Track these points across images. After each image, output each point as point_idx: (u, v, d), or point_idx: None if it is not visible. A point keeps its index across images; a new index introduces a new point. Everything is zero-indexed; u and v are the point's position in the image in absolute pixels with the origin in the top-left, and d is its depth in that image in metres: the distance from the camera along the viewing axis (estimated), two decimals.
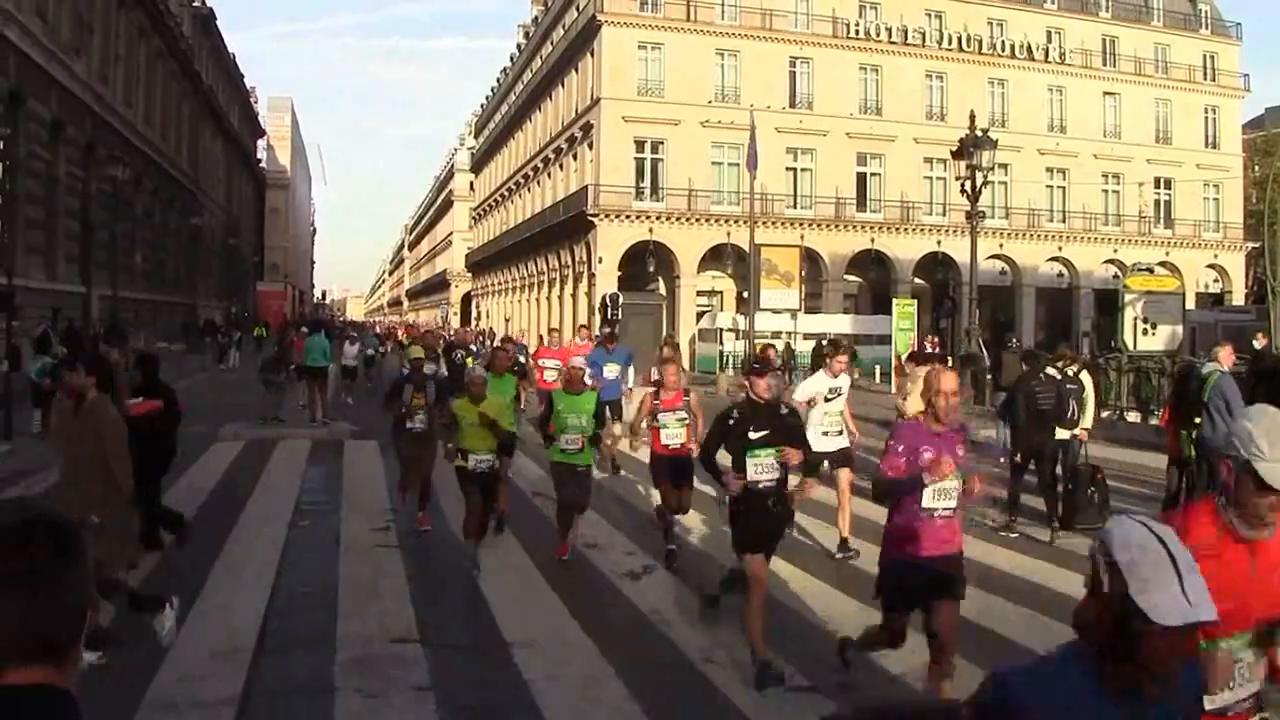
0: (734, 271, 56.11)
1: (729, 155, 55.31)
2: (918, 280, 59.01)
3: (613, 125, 55.21)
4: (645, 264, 54.11)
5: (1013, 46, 60.87)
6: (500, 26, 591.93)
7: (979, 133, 27.93)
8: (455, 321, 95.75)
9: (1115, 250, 62.57)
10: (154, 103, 57.03)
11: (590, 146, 57.95)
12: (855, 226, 57.90)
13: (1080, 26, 63.19)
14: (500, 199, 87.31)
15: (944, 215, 58.11)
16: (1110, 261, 62.08)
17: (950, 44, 59.48)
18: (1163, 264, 54.03)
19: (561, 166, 65.27)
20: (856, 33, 58.08)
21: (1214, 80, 66.86)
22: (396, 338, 53.03)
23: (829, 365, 12.89)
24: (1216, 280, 66.48)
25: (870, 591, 7.31)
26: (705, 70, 55.96)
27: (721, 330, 49.86)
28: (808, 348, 35.36)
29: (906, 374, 16.42)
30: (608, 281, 53.93)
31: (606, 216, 54.73)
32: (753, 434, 8.10)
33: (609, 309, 49.43)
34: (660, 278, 56.65)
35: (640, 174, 56.15)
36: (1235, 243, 66.59)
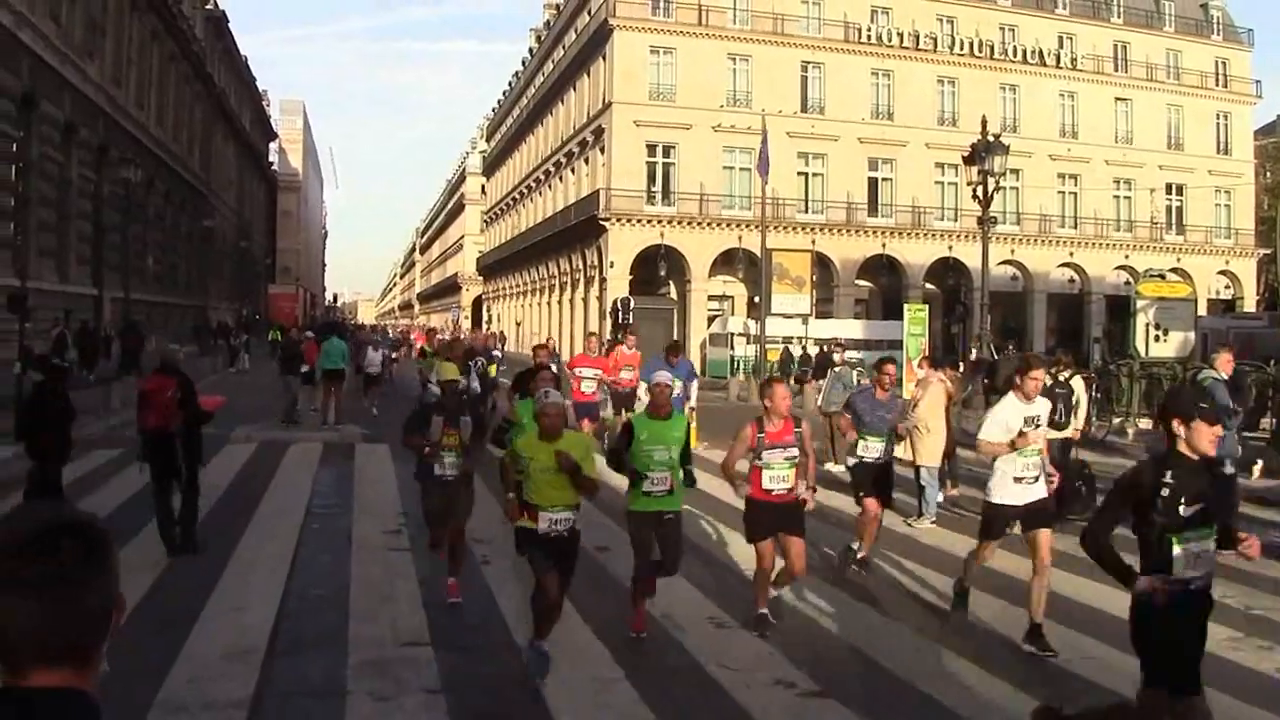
0: (745, 276, 56.17)
1: (740, 160, 55.43)
2: (929, 285, 58.99)
3: (624, 129, 55.25)
4: (656, 268, 54.21)
5: (1024, 52, 60.82)
6: (512, 30, 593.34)
7: (991, 138, 27.94)
8: (466, 325, 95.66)
9: (1127, 256, 62.48)
10: (166, 105, 57.23)
11: (602, 150, 57.98)
12: (866, 231, 57.87)
13: (1092, 32, 63.10)
14: (512, 203, 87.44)
15: (955, 220, 58.11)
16: (1122, 267, 61.99)
17: (962, 49, 59.44)
18: (1174, 270, 53.89)
19: (573, 170, 65.33)
20: (868, 38, 58.06)
21: (1225, 86, 66.68)
22: (410, 342, 52.55)
23: (1020, 385, 9.65)
24: (1228, 287, 66.27)
25: (873, 598, 7.31)
26: (717, 75, 56.00)
27: (732, 335, 49.89)
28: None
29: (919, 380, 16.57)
30: (619, 285, 53.97)
31: (618, 220, 54.77)
32: (1184, 508, 5.57)
33: (620, 313, 49.48)
34: (671, 282, 56.74)
35: (652, 178, 56.21)
36: (1247, 249, 66.38)
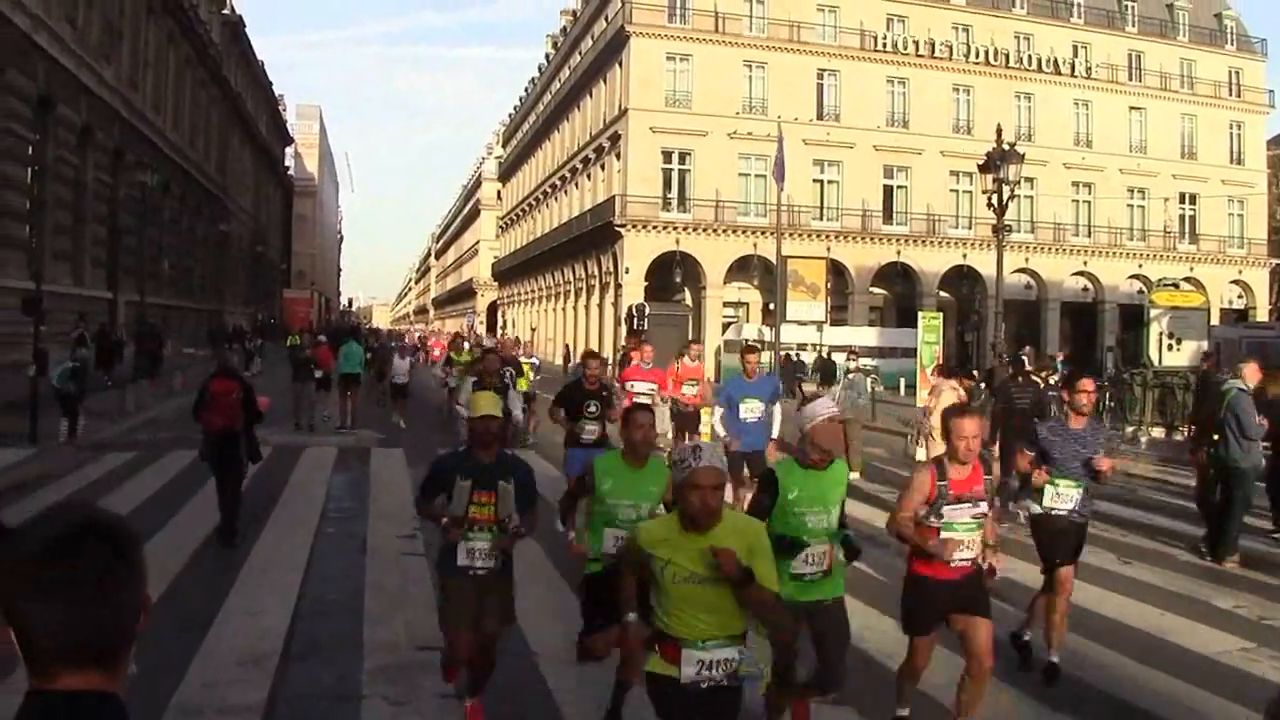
0: (760, 283, 56.16)
1: (756, 166, 55.45)
2: (943, 293, 58.89)
3: (640, 136, 55.28)
4: (672, 274, 54.21)
5: (1039, 60, 60.78)
6: (528, 36, 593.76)
7: (1006, 146, 27.97)
8: (481, 329, 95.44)
9: (1140, 265, 62.42)
10: (182, 109, 57.39)
11: (618, 157, 58.02)
12: (881, 239, 57.85)
13: (1106, 41, 63.05)
14: (527, 208, 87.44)
15: (970, 228, 58.09)
16: (1135, 276, 61.93)
17: (977, 57, 59.38)
18: (1187, 279, 53.93)
19: (589, 176, 65.34)
20: (884, 45, 58.07)
21: (1239, 96, 66.55)
22: (427, 349, 51.20)
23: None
24: (1240, 296, 66.06)
25: (887, 606, 7.32)
26: (733, 82, 56.02)
27: (746, 341, 49.81)
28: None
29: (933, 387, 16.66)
30: (634, 291, 53.98)
31: (633, 227, 54.81)
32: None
33: (635, 319, 49.51)
34: (686, 288, 56.77)
35: (667, 184, 56.21)
36: (1259, 259, 66.29)
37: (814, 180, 56.97)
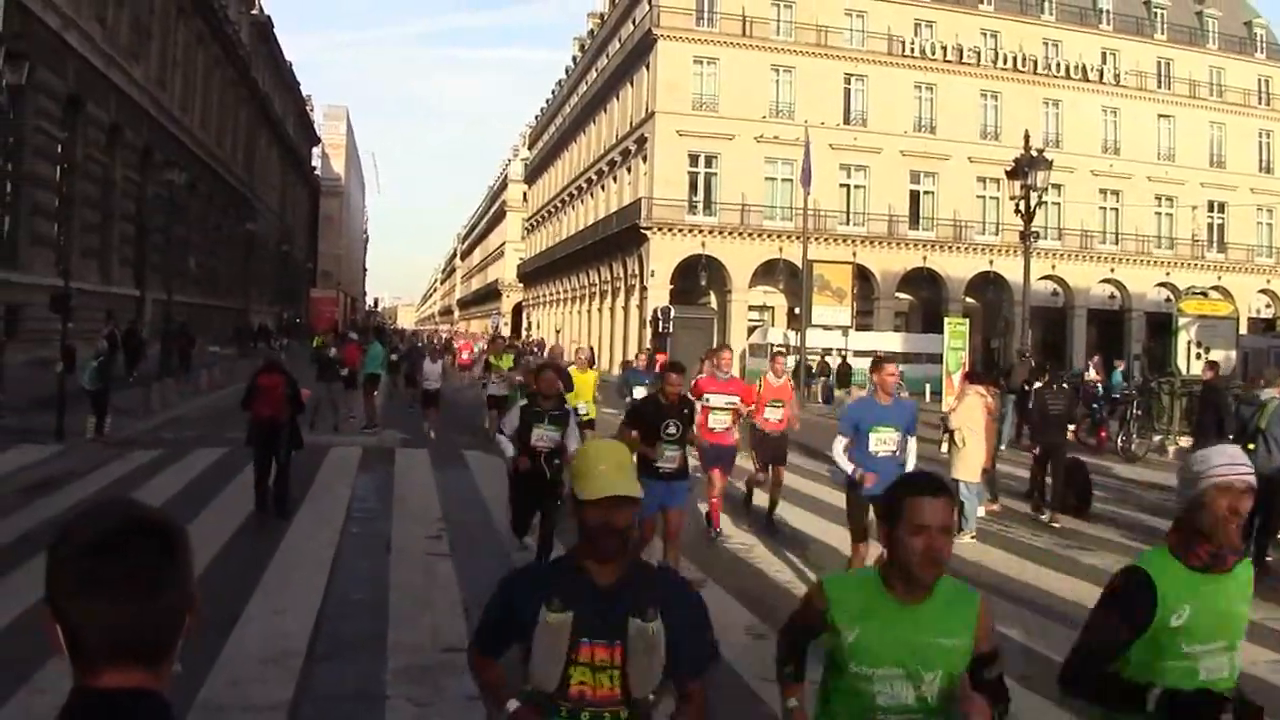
0: (786, 287, 56.09)
1: (782, 171, 55.39)
2: (969, 299, 58.75)
3: (667, 139, 55.29)
4: (697, 278, 54.20)
5: (1068, 67, 60.59)
6: (556, 39, 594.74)
7: (1034, 153, 27.84)
8: (505, 331, 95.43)
9: (1168, 273, 62.07)
10: (210, 109, 57.75)
11: (644, 160, 58.09)
12: (907, 244, 57.77)
13: (1135, 48, 62.82)
14: (553, 210, 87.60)
15: (996, 234, 57.92)
16: (1163, 284, 61.60)
17: (1005, 64, 59.28)
18: (1215, 288, 53.56)
19: (615, 179, 65.45)
20: (911, 51, 57.97)
21: (1268, 104, 66.09)
22: (454, 350, 47.38)
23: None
24: (1269, 305, 65.74)
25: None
26: (760, 85, 55.99)
27: (772, 346, 49.72)
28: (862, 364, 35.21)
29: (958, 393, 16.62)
30: (659, 295, 54.02)
31: (659, 230, 54.82)
32: None
33: (660, 322, 49.54)
34: (712, 292, 56.75)
35: (693, 188, 56.22)
36: None
37: (840, 185, 56.92)
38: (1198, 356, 29.13)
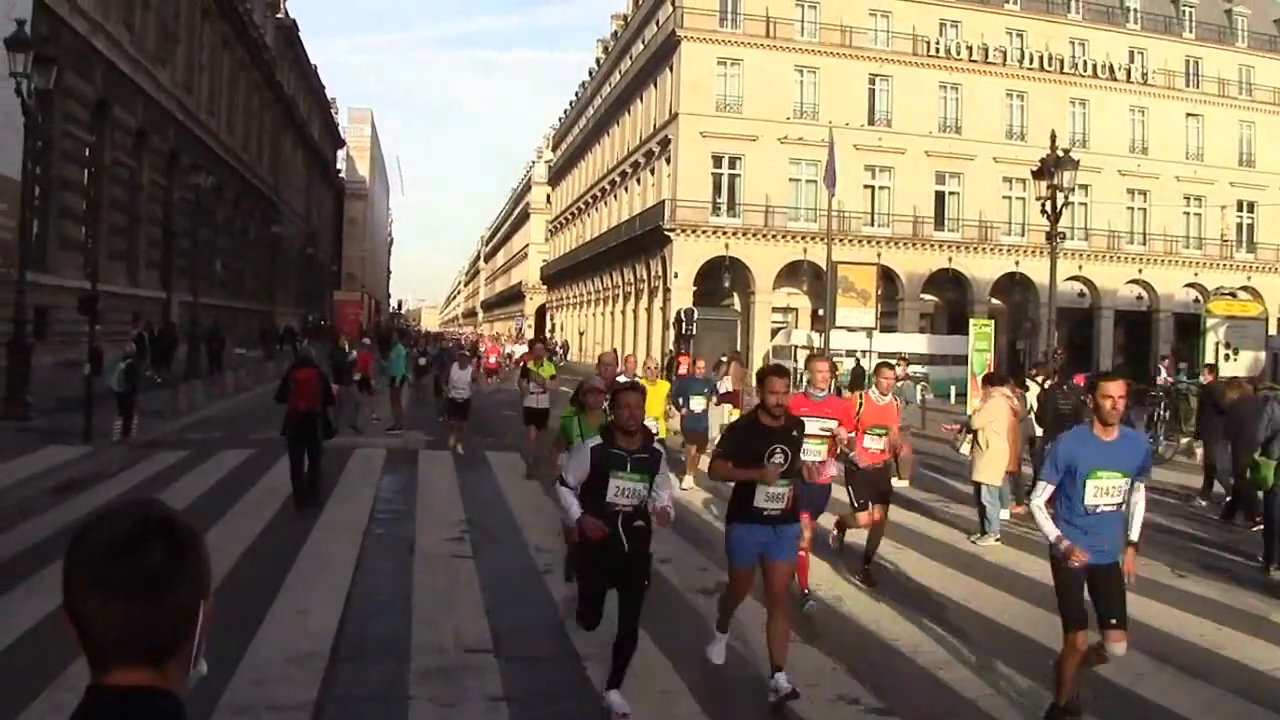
0: (810, 289, 56.10)
1: (806, 172, 55.34)
2: (995, 301, 58.60)
3: (690, 140, 55.28)
4: (721, 279, 54.18)
5: (1094, 66, 60.30)
6: (580, 41, 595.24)
7: (1060, 153, 27.70)
8: (530, 333, 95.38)
9: (1196, 274, 61.72)
10: (236, 112, 57.98)
11: (667, 161, 58.06)
12: (932, 245, 57.60)
13: (1163, 47, 62.45)
14: (577, 212, 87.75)
15: (1023, 235, 57.72)
16: (1191, 285, 61.27)
17: (1031, 63, 59.03)
18: (1244, 289, 53.32)
19: (639, 181, 65.48)
20: (936, 51, 57.80)
21: None
22: (480, 354, 42.50)
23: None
24: None
25: (935, 614, 7.24)
26: (784, 86, 55.93)
27: (796, 347, 49.62)
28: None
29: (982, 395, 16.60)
30: (683, 296, 54.01)
31: (683, 231, 54.82)
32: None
33: (684, 324, 49.54)
34: (735, 293, 56.66)
35: (717, 189, 56.21)
36: None
37: (865, 186, 56.80)
38: (1226, 358, 29.02)
